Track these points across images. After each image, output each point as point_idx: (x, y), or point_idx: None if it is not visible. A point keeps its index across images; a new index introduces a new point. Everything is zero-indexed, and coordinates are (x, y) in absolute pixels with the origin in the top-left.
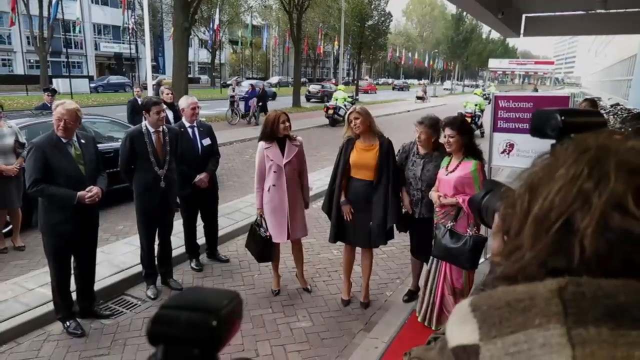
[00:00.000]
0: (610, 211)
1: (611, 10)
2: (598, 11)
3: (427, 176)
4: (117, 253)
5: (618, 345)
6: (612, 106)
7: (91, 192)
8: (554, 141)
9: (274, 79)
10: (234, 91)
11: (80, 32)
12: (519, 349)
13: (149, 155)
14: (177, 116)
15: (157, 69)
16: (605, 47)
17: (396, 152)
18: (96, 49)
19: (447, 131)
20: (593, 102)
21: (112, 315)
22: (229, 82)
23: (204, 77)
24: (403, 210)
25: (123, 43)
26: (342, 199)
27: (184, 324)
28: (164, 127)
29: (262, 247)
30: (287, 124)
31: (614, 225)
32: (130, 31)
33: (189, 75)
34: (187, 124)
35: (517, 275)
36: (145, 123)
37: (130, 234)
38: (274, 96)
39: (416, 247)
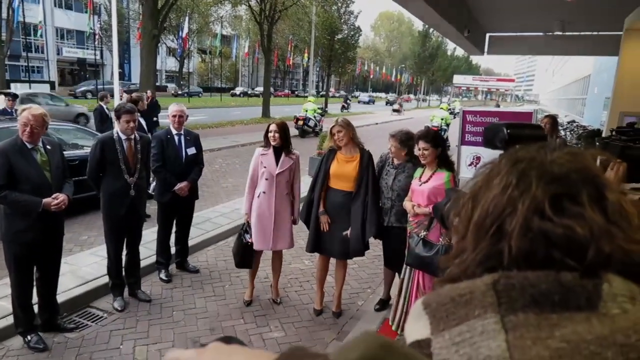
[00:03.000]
0: (532, 216)
1: (568, 33)
2: (556, 33)
3: (398, 186)
4: (82, 264)
5: (542, 327)
6: (568, 123)
7: (57, 199)
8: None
9: (238, 89)
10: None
11: (41, 36)
12: (462, 338)
13: (119, 163)
14: (152, 124)
15: (123, 76)
16: (562, 67)
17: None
18: (58, 53)
19: (421, 144)
20: (553, 118)
21: (77, 329)
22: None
23: (171, 86)
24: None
25: (87, 49)
26: (321, 209)
27: None
28: (136, 134)
29: (242, 253)
30: (276, 134)
31: (534, 227)
32: (95, 37)
33: (156, 84)
34: (174, 132)
35: (461, 276)
36: (116, 129)
37: (96, 244)
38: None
39: (388, 257)
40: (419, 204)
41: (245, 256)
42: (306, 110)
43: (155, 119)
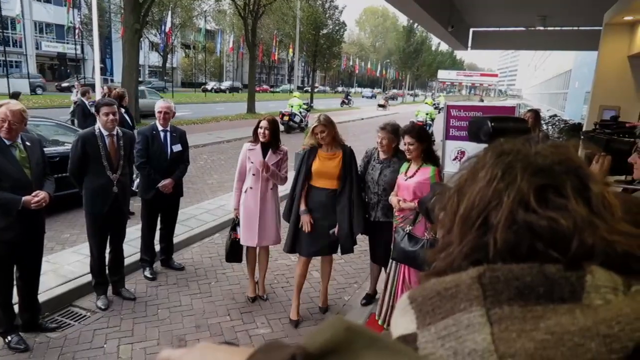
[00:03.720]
0: (517, 208)
1: (549, 28)
2: (538, 28)
3: (384, 181)
4: (64, 262)
5: (527, 319)
6: (550, 117)
7: (38, 196)
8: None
9: (225, 83)
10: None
11: (20, 30)
12: (448, 332)
13: (101, 159)
14: (131, 121)
15: (105, 71)
16: (544, 62)
17: (359, 158)
18: (37, 48)
19: (407, 139)
20: (536, 112)
21: (59, 328)
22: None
23: (155, 81)
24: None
25: (67, 43)
26: (303, 207)
27: None
28: (119, 130)
29: (229, 247)
30: (266, 131)
31: (519, 219)
32: (75, 31)
33: (140, 79)
34: (159, 128)
35: (447, 269)
36: (98, 125)
37: (78, 242)
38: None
39: (375, 252)
40: (404, 199)
41: (234, 251)
42: (291, 106)
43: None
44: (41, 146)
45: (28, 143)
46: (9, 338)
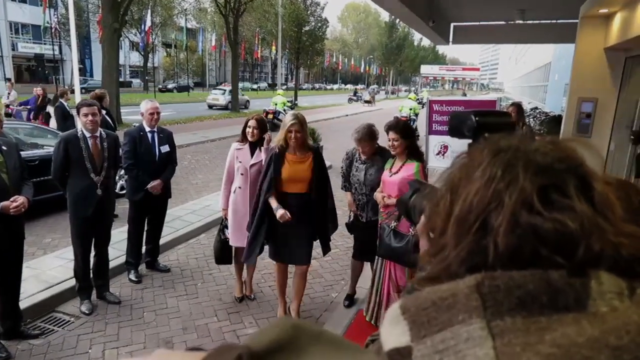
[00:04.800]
0: (520, 209)
1: (528, 22)
2: (517, 22)
3: (370, 180)
4: (46, 267)
5: (531, 332)
6: (531, 109)
7: (16, 202)
8: (470, 141)
9: (170, 84)
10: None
11: None
12: (446, 345)
13: (84, 161)
14: (112, 122)
15: (84, 72)
16: (524, 55)
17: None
18: (13, 49)
19: (391, 135)
20: (519, 106)
21: (42, 335)
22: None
23: (136, 81)
24: (351, 216)
25: (45, 44)
26: (275, 204)
27: None
28: (102, 132)
29: (220, 249)
30: (255, 130)
31: (523, 222)
32: (52, 31)
33: (120, 79)
34: (147, 129)
35: (441, 275)
36: (80, 127)
37: (60, 246)
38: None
39: (361, 248)
40: (389, 195)
41: (224, 252)
42: (275, 104)
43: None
44: (18, 150)
45: (4, 147)
46: None
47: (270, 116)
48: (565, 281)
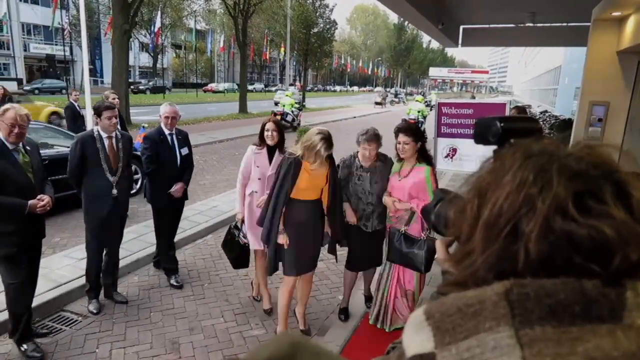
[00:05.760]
0: (553, 215)
1: (538, 25)
2: (527, 25)
3: (376, 189)
4: (55, 267)
5: (562, 342)
6: (541, 113)
7: (43, 201)
8: (495, 147)
9: (221, 85)
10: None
11: (7, 32)
12: (472, 353)
13: (100, 162)
14: (122, 123)
15: (95, 72)
16: (533, 58)
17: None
18: (25, 50)
19: (402, 137)
20: (522, 109)
21: (50, 334)
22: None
23: (145, 82)
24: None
25: (56, 44)
26: (281, 227)
27: None
28: (117, 132)
29: (238, 253)
30: (274, 133)
31: (556, 228)
32: (64, 32)
33: (130, 80)
34: (166, 131)
35: (468, 280)
36: (97, 127)
37: (69, 246)
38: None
39: (360, 257)
40: (399, 199)
41: (240, 257)
42: (284, 105)
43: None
44: (39, 150)
45: (28, 147)
46: (25, 346)
47: (278, 117)
48: (600, 291)
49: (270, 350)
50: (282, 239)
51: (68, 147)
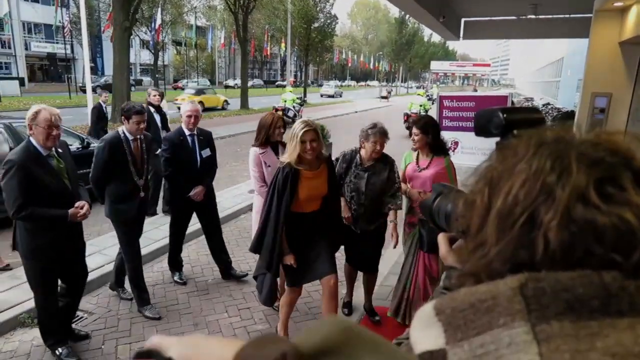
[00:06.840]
0: (574, 203)
1: (540, 17)
2: (529, 17)
3: (372, 190)
4: None
5: (580, 337)
6: (543, 105)
7: (83, 208)
8: (498, 139)
9: (231, 81)
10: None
11: (8, 31)
12: (486, 350)
13: (128, 165)
14: (165, 120)
15: (96, 70)
16: (536, 50)
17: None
18: (27, 48)
19: (414, 129)
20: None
21: (88, 337)
22: None
23: (147, 79)
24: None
25: (57, 43)
26: (285, 247)
27: None
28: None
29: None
30: (283, 130)
31: (578, 216)
32: (64, 30)
33: (131, 77)
34: (186, 132)
35: (480, 272)
36: (122, 129)
37: None
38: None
39: (356, 258)
40: (424, 190)
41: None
42: (285, 101)
43: None
44: (69, 150)
45: (60, 150)
46: (60, 350)
47: (279, 113)
48: (619, 284)
49: (321, 336)
50: (289, 260)
51: (69, 144)
